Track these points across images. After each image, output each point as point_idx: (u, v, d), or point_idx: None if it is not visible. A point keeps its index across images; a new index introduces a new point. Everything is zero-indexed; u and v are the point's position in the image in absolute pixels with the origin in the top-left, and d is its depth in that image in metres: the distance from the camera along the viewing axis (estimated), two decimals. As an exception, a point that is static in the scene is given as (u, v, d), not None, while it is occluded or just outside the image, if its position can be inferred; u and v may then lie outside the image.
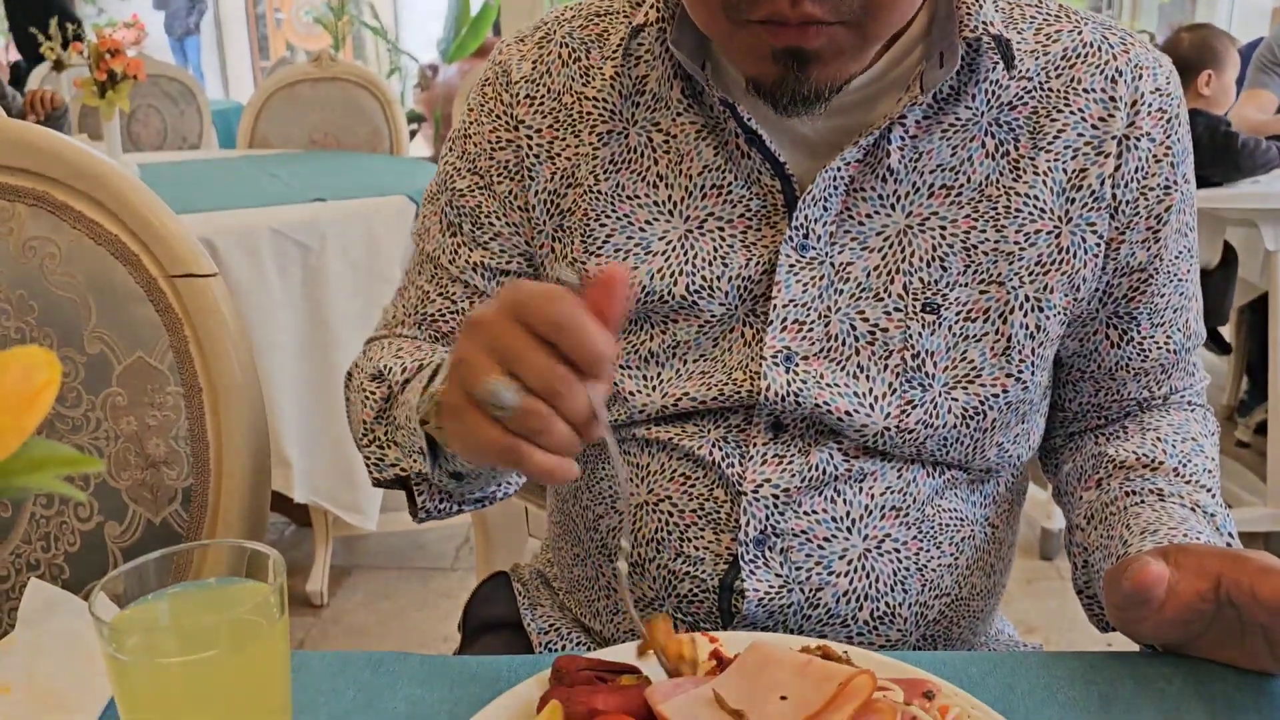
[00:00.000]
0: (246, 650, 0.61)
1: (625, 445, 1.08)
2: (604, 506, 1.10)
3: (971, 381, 1.00)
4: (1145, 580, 0.81)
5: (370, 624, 2.86)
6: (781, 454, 1.01)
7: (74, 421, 1.22)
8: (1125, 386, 1.10)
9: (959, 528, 1.06)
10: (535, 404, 0.73)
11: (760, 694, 0.74)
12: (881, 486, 1.02)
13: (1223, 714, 0.82)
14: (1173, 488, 1.01)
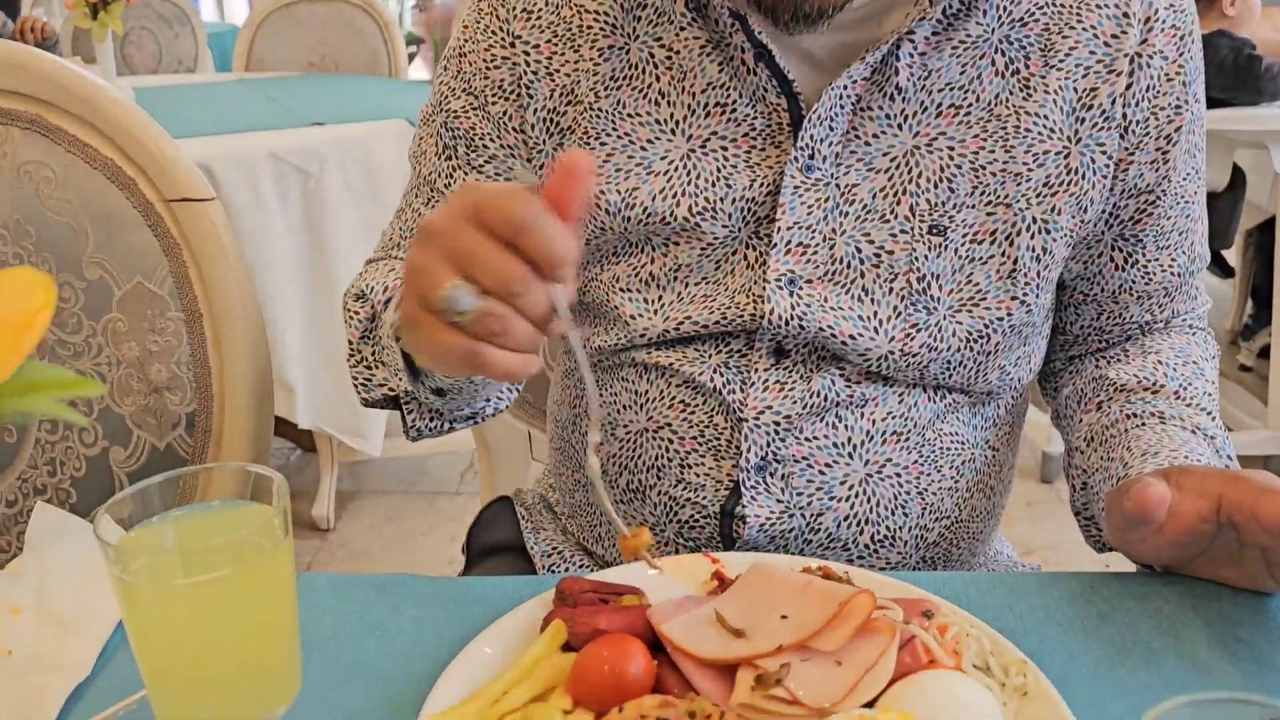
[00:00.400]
0: (252, 572, 0.62)
1: (624, 370, 1.08)
2: (603, 434, 1.10)
3: (976, 305, 1.00)
4: (1146, 502, 0.81)
5: (376, 548, 2.90)
6: (783, 380, 1.01)
7: (75, 347, 1.22)
8: (1128, 310, 1.10)
9: (959, 451, 1.06)
10: (493, 305, 0.72)
11: (761, 614, 0.75)
12: (883, 412, 1.02)
13: (1220, 632, 0.83)
14: (1174, 410, 1.01)
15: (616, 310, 1.05)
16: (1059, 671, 0.79)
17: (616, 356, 1.08)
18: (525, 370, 0.75)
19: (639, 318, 1.04)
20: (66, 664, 0.80)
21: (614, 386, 1.09)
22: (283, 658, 0.67)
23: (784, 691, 0.67)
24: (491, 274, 0.72)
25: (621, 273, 1.05)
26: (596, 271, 1.06)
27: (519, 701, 0.71)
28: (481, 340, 0.73)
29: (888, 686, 0.69)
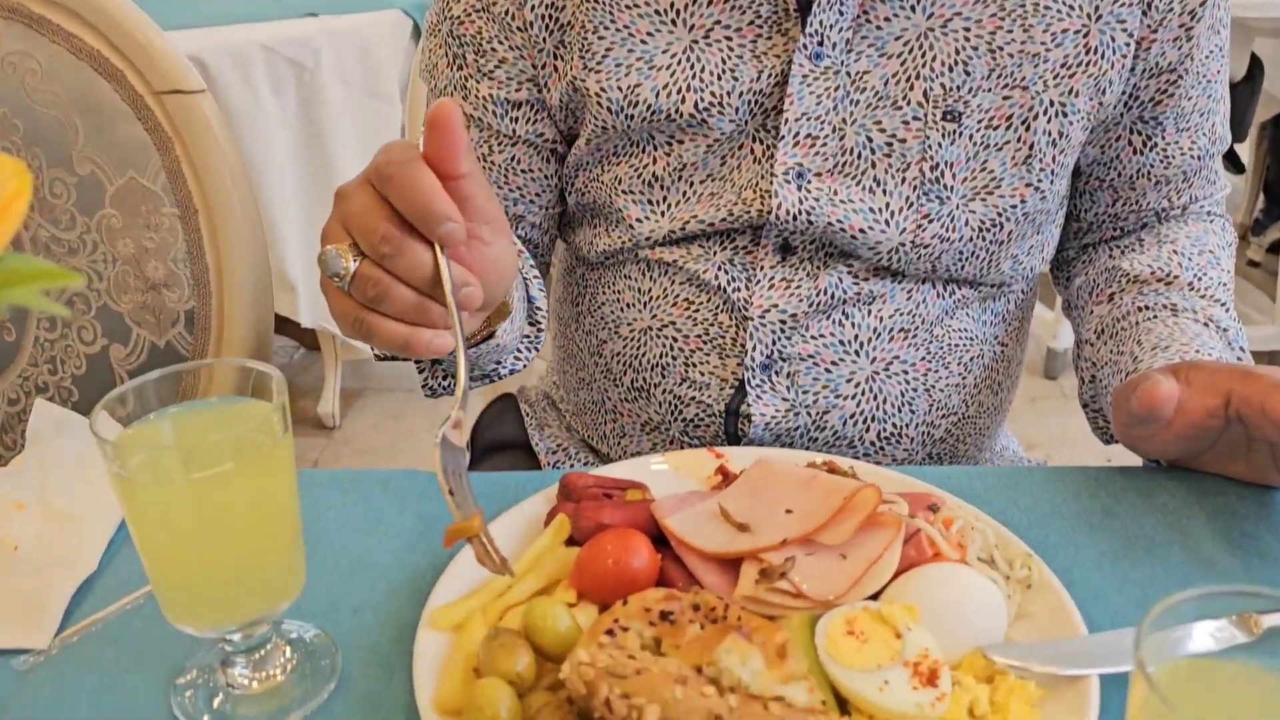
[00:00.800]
0: (251, 468, 0.61)
1: (627, 268, 1.05)
2: (606, 332, 1.08)
3: (990, 192, 0.97)
4: (1154, 399, 0.80)
5: (381, 445, 2.92)
6: (789, 278, 0.99)
7: (70, 244, 1.20)
8: (1144, 196, 1.07)
9: (968, 347, 1.05)
10: (368, 269, 0.67)
11: (765, 508, 0.74)
12: (890, 309, 1.00)
13: (1225, 526, 0.83)
14: (1187, 302, 0.99)
15: (620, 213, 1.02)
16: (1063, 565, 0.79)
17: (619, 256, 1.06)
18: (420, 345, 0.69)
19: (644, 220, 1.01)
20: (72, 560, 0.81)
21: (617, 284, 1.07)
22: (285, 553, 0.66)
23: (788, 585, 0.67)
24: (361, 233, 0.68)
25: (623, 174, 1.02)
26: (598, 173, 1.03)
27: (523, 595, 0.71)
28: (366, 308, 0.69)
29: (892, 580, 0.69)
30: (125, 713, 0.68)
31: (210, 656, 0.71)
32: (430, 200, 0.65)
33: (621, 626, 0.63)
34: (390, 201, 0.67)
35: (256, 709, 0.67)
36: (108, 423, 0.63)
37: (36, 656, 0.73)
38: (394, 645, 0.73)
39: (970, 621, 0.66)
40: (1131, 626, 0.70)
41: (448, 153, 0.66)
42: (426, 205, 0.65)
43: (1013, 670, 0.64)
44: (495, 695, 0.60)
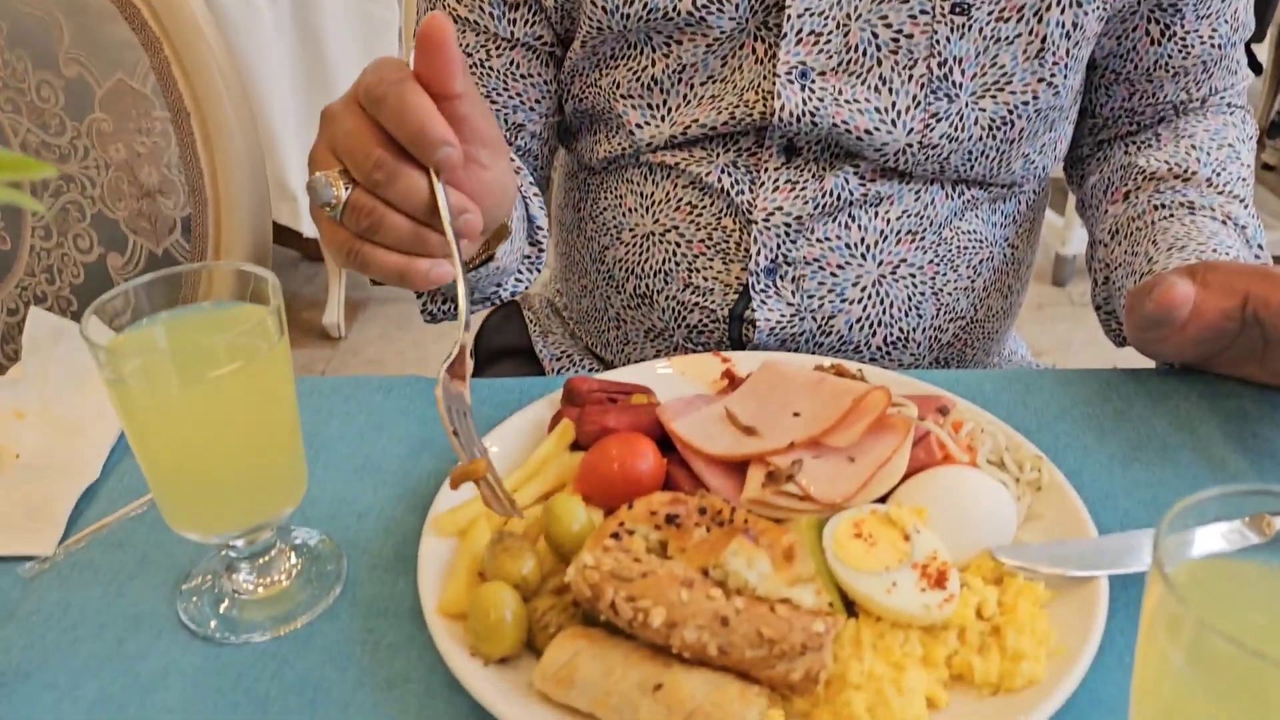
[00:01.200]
0: (247, 372, 0.60)
1: (629, 172, 1.02)
2: (609, 238, 1.06)
3: (1001, 89, 0.94)
4: (1170, 301, 0.78)
5: (388, 355, 2.91)
6: (794, 179, 0.96)
7: (60, 150, 1.17)
8: (1162, 89, 1.03)
9: (977, 249, 1.02)
10: (360, 198, 0.64)
11: (772, 411, 0.73)
12: (898, 210, 0.98)
13: (1237, 428, 0.82)
14: (1204, 199, 0.96)
15: (620, 118, 0.99)
16: (1073, 467, 0.78)
17: (621, 161, 1.03)
18: (417, 275, 0.66)
19: (645, 126, 0.98)
20: (74, 468, 0.80)
21: (619, 189, 1.04)
22: (286, 458, 0.66)
23: (795, 488, 0.67)
24: (352, 159, 0.64)
25: (622, 77, 0.98)
26: (595, 77, 1.00)
27: (528, 500, 0.71)
28: (360, 238, 0.66)
29: (901, 483, 0.68)
30: (131, 619, 0.68)
31: (215, 563, 0.71)
32: (424, 123, 0.61)
33: (627, 530, 0.62)
34: (381, 124, 0.63)
35: (263, 614, 0.67)
36: (99, 328, 0.61)
37: (41, 563, 0.73)
38: (399, 550, 0.72)
39: (979, 524, 0.66)
40: (1141, 529, 0.70)
41: (441, 71, 0.62)
42: (420, 128, 0.62)
43: (1021, 572, 0.64)
44: (500, 598, 0.60)
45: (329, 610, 0.68)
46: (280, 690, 0.62)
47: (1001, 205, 1.04)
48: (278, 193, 2.51)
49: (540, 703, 0.58)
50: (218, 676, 0.63)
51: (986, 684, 0.59)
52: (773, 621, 0.56)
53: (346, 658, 0.64)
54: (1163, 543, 0.44)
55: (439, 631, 0.61)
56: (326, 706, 0.61)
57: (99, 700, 0.62)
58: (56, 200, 1.17)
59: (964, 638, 0.61)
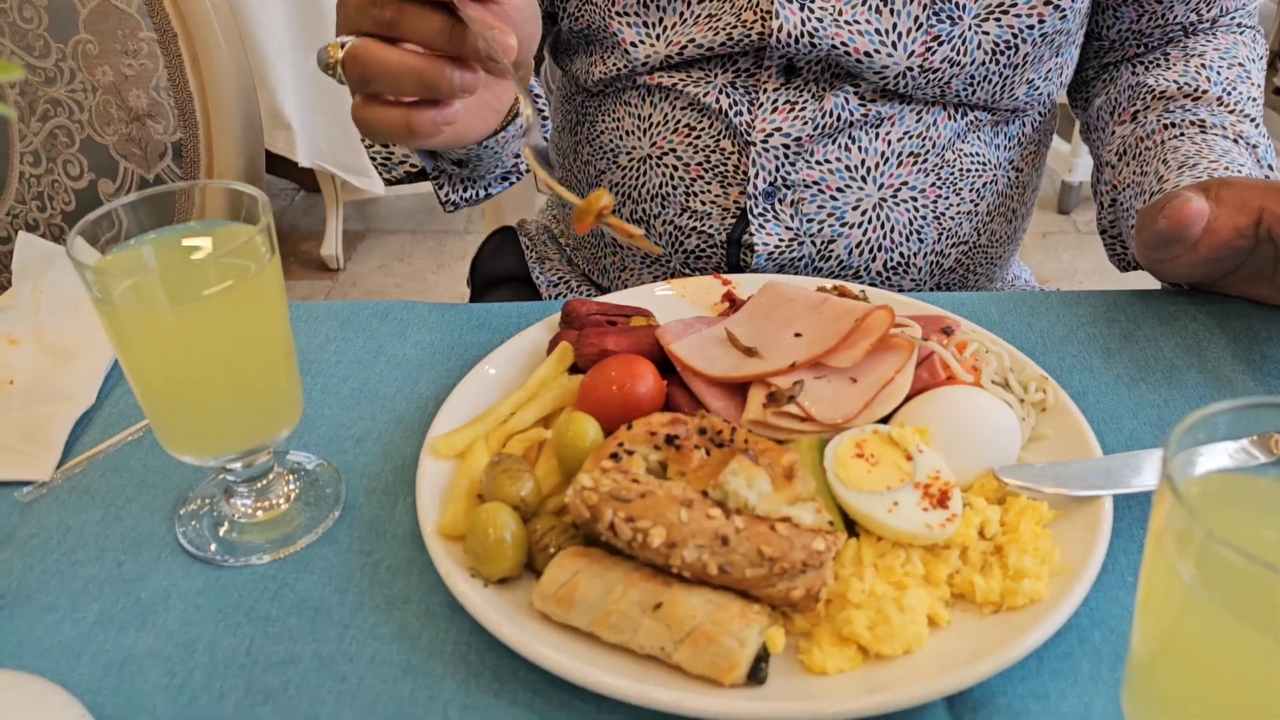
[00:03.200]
0: (238, 292, 0.59)
1: (626, 94, 1.00)
2: (605, 161, 1.04)
3: (1005, 11, 0.91)
4: (1184, 216, 0.76)
5: (388, 286, 2.89)
6: (793, 100, 0.94)
7: (46, 73, 1.15)
8: (1172, 9, 1.00)
9: (980, 172, 1.00)
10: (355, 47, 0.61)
11: (773, 332, 0.72)
12: (899, 132, 0.95)
13: (1245, 348, 0.81)
14: (1215, 118, 0.94)
15: (615, 37, 0.96)
16: (1079, 388, 0.77)
17: (618, 83, 1.01)
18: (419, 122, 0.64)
19: (640, 44, 0.95)
20: (70, 393, 0.80)
21: (616, 111, 1.02)
22: (281, 380, 0.65)
23: (796, 409, 0.66)
24: (358, 9, 0.62)
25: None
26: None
27: (526, 422, 0.70)
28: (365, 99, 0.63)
29: (904, 403, 0.67)
30: (130, 543, 0.68)
31: (213, 486, 0.71)
32: None
33: (626, 451, 0.61)
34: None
35: (262, 537, 0.67)
36: (85, 249, 0.60)
37: (39, 488, 0.72)
38: (397, 473, 0.72)
39: (983, 444, 0.65)
40: (1146, 449, 0.69)
41: None
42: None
43: (1024, 492, 0.63)
44: (499, 519, 0.59)
45: (328, 533, 0.68)
46: (280, 612, 0.62)
47: (1005, 128, 1.01)
48: (272, 120, 2.47)
49: (540, 623, 0.57)
50: (218, 599, 0.63)
51: (988, 603, 0.58)
52: (773, 540, 0.55)
53: (346, 580, 0.64)
54: (1172, 455, 0.43)
55: (438, 553, 0.61)
56: (327, 628, 0.61)
57: (99, 622, 0.62)
58: (44, 125, 1.15)
59: (966, 557, 0.60)
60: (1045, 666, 0.57)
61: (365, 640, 0.60)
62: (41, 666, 0.60)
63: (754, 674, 0.54)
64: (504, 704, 0.56)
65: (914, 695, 0.53)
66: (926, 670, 0.54)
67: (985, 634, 0.57)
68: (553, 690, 0.57)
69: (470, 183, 0.98)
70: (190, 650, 0.60)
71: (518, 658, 0.58)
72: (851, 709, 0.53)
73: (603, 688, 0.54)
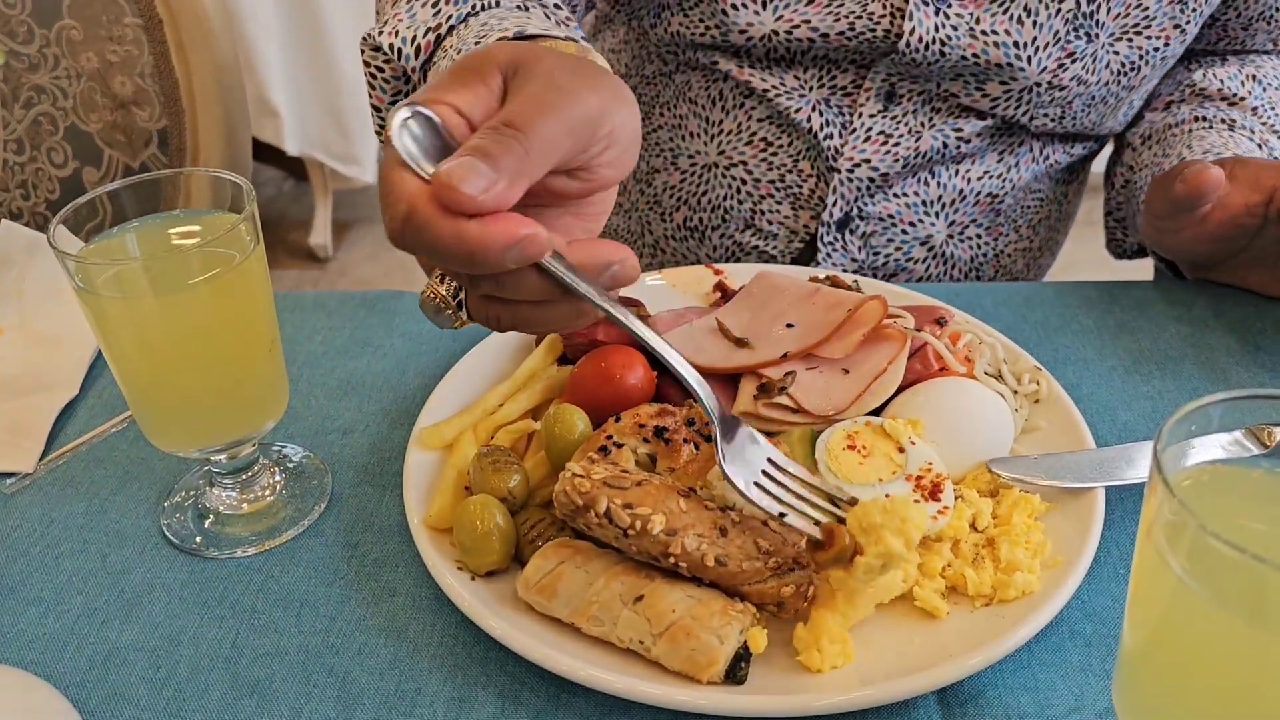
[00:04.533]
0: (221, 281, 0.58)
1: (694, 90, 0.91)
2: (662, 160, 0.97)
3: (1139, 33, 0.87)
4: (1203, 183, 0.74)
5: (377, 276, 2.88)
6: (889, 132, 0.88)
7: (30, 59, 1.13)
8: (1254, 36, 0.97)
9: (1039, 209, 0.98)
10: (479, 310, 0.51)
11: (765, 322, 0.71)
12: (980, 170, 0.92)
13: (1239, 338, 0.81)
14: (1246, 122, 0.92)
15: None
16: (1072, 380, 0.76)
17: (695, 57, 0.90)
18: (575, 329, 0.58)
19: (743, 9, 0.85)
20: (54, 383, 0.79)
21: (679, 108, 0.94)
22: (265, 370, 0.64)
23: (787, 399, 0.65)
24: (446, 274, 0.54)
25: None
26: None
27: (515, 414, 0.69)
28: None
29: (897, 394, 0.67)
30: (114, 535, 0.67)
31: (198, 478, 0.70)
32: (471, 252, 0.45)
33: (615, 443, 0.61)
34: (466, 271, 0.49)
35: (247, 529, 0.66)
36: (68, 237, 0.59)
37: (22, 480, 0.71)
38: (384, 465, 0.71)
39: (976, 436, 0.64)
40: (1139, 441, 0.69)
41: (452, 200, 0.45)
42: (470, 257, 0.46)
43: (1017, 484, 0.63)
44: (487, 511, 0.59)
45: (314, 525, 0.67)
46: (266, 605, 0.62)
47: (1070, 160, 0.99)
48: (260, 108, 2.46)
49: (528, 616, 0.57)
50: (203, 591, 0.63)
51: (980, 595, 0.58)
52: (768, 534, 0.55)
53: (332, 572, 0.64)
54: (1164, 446, 0.42)
55: (425, 546, 0.60)
56: (313, 620, 0.60)
57: (83, 615, 0.61)
58: (28, 112, 1.14)
59: (958, 549, 0.60)
60: (1036, 659, 0.57)
61: (352, 633, 0.60)
62: (25, 660, 0.59)
63: (733, 673, 0.53)
64: (491, 696, 0.56)
65: (905, 688, 0.53)
66: (917, 663, 0.54)
67: (977, 627, 0.56)
68: (540, 683, 0.56)
69: None
70: (175, 643, 0.59)
71: (505, 650, 0.57)
72: (843, 702, 0.52)
73: (591, 681, 0.53)
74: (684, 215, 0.98)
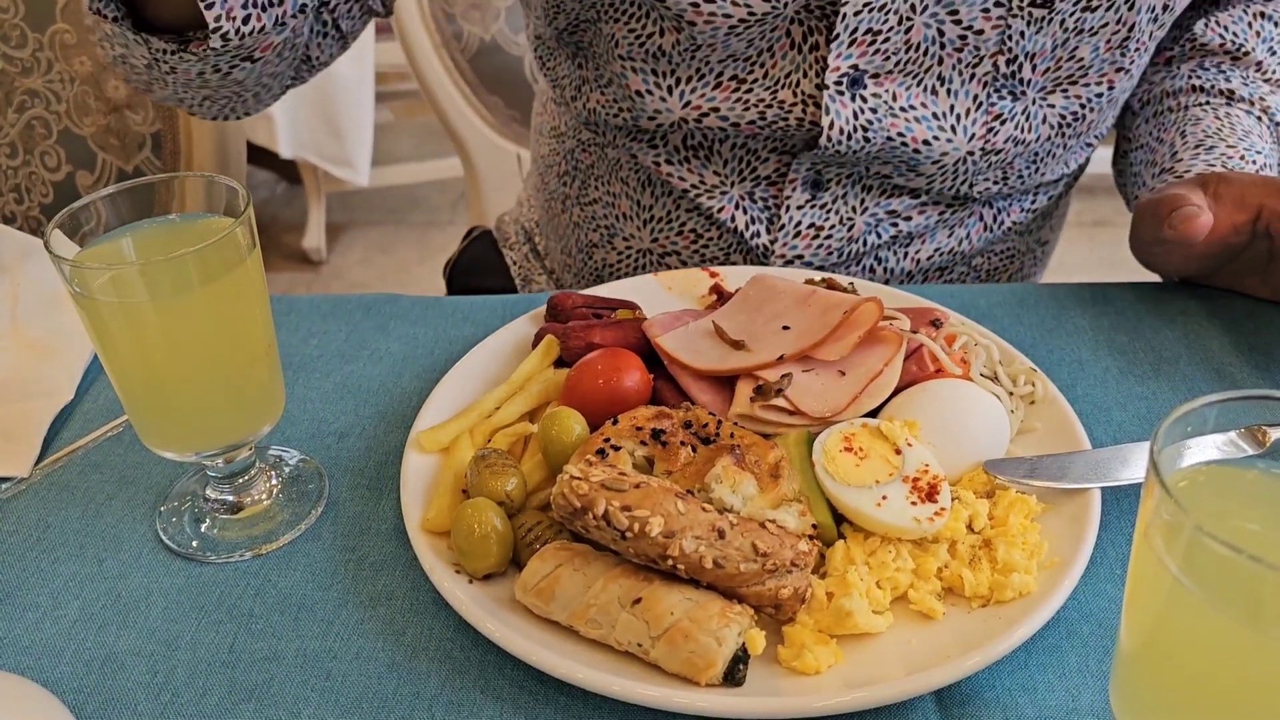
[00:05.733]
0: (218, 285, 0.58)
1: (624, 171, 0.89)
2: (599, 235, 0.94)
3: (1074, 82, 0.84)
4: (1190, 230, 0.74)
5: (370, 278, 2.88)
6: (819, 224, 0.86)
7: (24, 63, 1.13)
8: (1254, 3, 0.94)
9: (1009, 264, 0.97)
10: None
11: (761, 325, 0.71)
12: (929, 249, 0.90)
13: (1234, 339, 0.81)
14: (1246, 88, 0.89)
15: (622, 79, 0.84)
16: (1067, 381, 0.77)
17: (616, 140, 0.89)
18: None
19: (649, 95, 0.83)
20: (48, 388, 0.78)
21: (612, 187, 0.92)
22: (262, 374, 0.64)
23: (784, 402, 0.65)
24: None
25: (621, 36, 0.82)
26: (592, 17, 0.84)
27: (511, 417, 0.69)
28: None
29: (893, 396, 0.67)
30: (111, 539, 0.67)
31: (194, 483, 0.70)
32: None
33: (613, 446, 0.61)
34: None
35: (244, 533, 0.66)
36: (64, 242, 0.59)
37: (18, 485, 0.71)
38: (381, 469, 0.71)
39: (972, 437, 0.65)
40: (1135, 441, 0.69)
41: None
42: None
43: (1013, 485, 0.63)
44: (484, 515, 0.59)
45: (311, 529, 0.67)
46: (263, 609, 0.61)
47: (1032, 215, 0.98)
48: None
49: (526, 619, 0.57)
50: (200, 595, 0.63)
51: (977, 596, 0.58)
52: (765, 536, 0.55)
53: (330, 576, 0.63)
54: (1160, 447, 0.43)
55: (423, 549, 0.60)
56: (310, 625, 0.60)
57: (80, 620, 0.61)
58: (21, 116, 1.14)
59: (955, 551, 0.60)
60: (1033, 659, 0.57)
61: (349, 637, 0.60)
62: (22, 665, 0.59)
63: (731, 675, 0.53)
64: (489, 700, 0.56)
65: (903, 689, 0.53)
66: (915, 664, 0.54)
67: (974, 628, 0.56)
68: (539, 686, 0.56)
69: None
70: (172, 648, 0.59)
71: (503, 654, 0.57)
72: (841, 703, 0.52)
73: (589, 683, 0.53)
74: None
